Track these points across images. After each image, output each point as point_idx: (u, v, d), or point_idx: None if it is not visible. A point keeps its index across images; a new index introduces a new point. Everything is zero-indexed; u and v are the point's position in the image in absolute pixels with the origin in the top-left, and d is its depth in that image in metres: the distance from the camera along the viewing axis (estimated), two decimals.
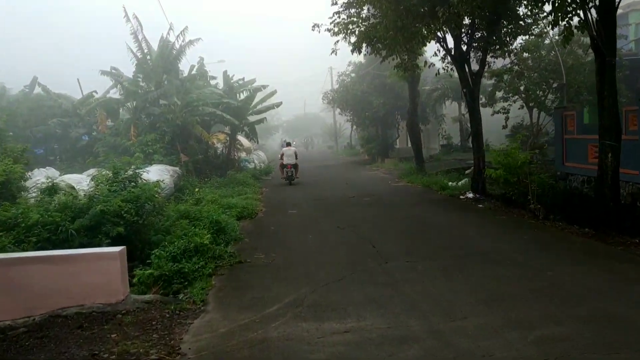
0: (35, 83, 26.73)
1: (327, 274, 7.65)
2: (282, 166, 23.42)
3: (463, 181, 18.48)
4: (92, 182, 11.75)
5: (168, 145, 21.86)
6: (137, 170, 12.51)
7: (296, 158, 23.39)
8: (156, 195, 12.28)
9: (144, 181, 15.37)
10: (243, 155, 30.27)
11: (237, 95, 27.14)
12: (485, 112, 29.72)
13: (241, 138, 28.96)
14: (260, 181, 24.25)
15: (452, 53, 16.04)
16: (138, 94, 22.87)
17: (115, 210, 10.44)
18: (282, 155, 23.75)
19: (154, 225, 11.17)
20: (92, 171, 15.71)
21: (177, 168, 20.06)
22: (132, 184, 12.24)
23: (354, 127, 49.44)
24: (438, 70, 17.33)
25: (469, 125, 31.14)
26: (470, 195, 15.54)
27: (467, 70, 15.86)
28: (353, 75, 34.61)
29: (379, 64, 33.04)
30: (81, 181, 16.15)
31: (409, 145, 40.13)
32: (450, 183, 18.38)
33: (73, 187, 14.52)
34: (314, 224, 12.27)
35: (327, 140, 74.94)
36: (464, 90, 16.00)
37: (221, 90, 26.40)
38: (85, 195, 11.22)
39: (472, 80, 15.85)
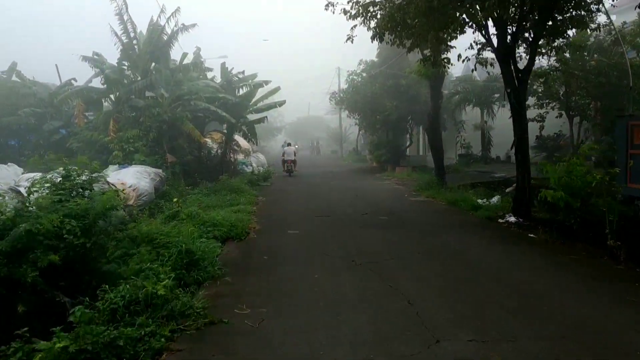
0: (14, 69, 23.94)
1: None
2: (284, 161, 29.26)
3: (495, 199, 15.60)
4: (27, 190, 8.87)
5: (153, 144, 19.01)
6: (94, 175, 9.64)
7: (295, 155, 29.54)
8: (118, 208, 9.45)
9: (112, 187, 12.57)
10: (240, 157, 27.38)
11: (236, 91, 24.30)
12: (505, 118, 26.93)
13: (239, 138, 26.07)
14: (258, 188, 21.35)
15: (496, 45, 13.16)
16: (122, 84, 20.01)
17: (51, 230, 7.64)
18: (284, 153, 29.90)
19: (107, 250, 8.34)
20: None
21: (160, 170, 17.18)
22: (87, 192, 9.43)
23: (362, 131, 46.66)
24: (475, 66, 14.48)
25: (491, 133, 28.40)
26: (512, 219, 12.62)
27: (512, 66, 12.99)
28: (364, 75, 31.75)
29: (393, 63, 30.30)
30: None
31: (421, 153, 37.30)
32: (479, 201, 15.53)
33: (19, 192, 11.69)
34: (320, 253, 9.36)
35: (330, 145, 72.01)
36: (508, 90, 13.10)
37: (218, 84, 23.55)
38: (12, 207, 8.35)
39: (518, 78, 12.97)
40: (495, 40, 13.35)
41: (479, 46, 14.46)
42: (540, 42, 13.64)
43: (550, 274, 7.72)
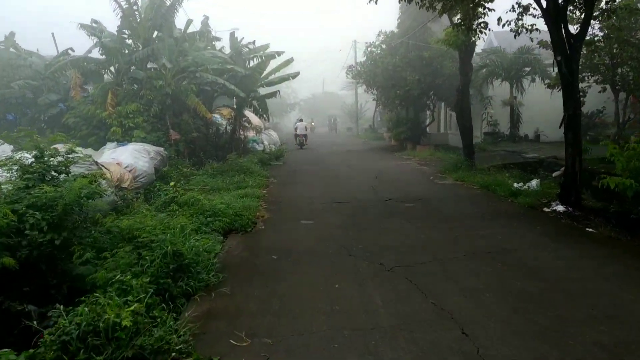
0: (12, 40, 22.38)
1: None
2: (296, 135, 33.23)
3: (534, 183, 13.89)
4: None
5: (155, 119, 17.45)
6: (70, 156, 8.08)
7: (306, 130, 33.73)
8: (102, 194, 7.91)
9: (101, 169, 11.11)
10: (251, 134, 25.75)
11: (246, 63, 22.58)
12: (542, 95, 24.96)
13: (249, 114, 24.44)
14: (269, 168, 19.79)
15: (545, 6, 11.29)
16: (122, 54, 18.38)
17: (6, 225, 6.19)
18: (297, 128, 33.71)
19: (79, 249, 6.79)
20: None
21: (161, 149, 15.66)
22: (63, 176, 7.94)
23: (379, 108, 44.77)
24: (517, 31, 12.62)
25: (520, 110, 26.42)
26: (560, 208, 10.90)
27: (563, 30, 11.14)
28: (383, 46, 29.76)
29: (415, 34, 28.32)
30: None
31: (442, 130, 35.35)
32: (515, 185, 13.85)
33: None
34: (340, 252, 7.75)
35: (346, 122, 69.95)
36: (558, 58, 11.24)
37: (227, 56, 21.85)
38: None
39: (570, 44, 11.12)
40: (543, 2, 11.50)
41: (520, 9, 12.65)
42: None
43: (634, 284, 6.04)
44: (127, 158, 13.79)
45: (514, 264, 6.93)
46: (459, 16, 13.85)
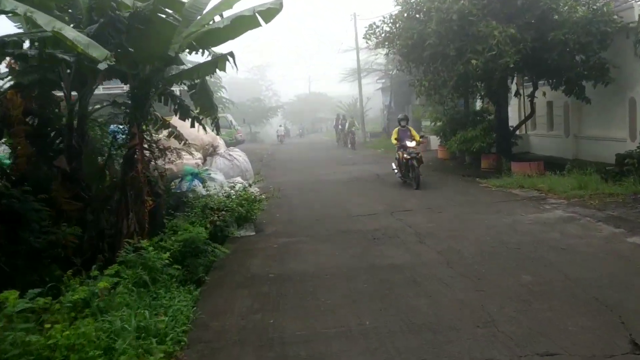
0: None
1: None
2: (278, 135, 48.88)
3: None
4: None
5: None
6: None
7: (284, 132, 51.44)
8: None
9: None
10: (191, 162, 12.19)
11: None
12: None
13: (176, 120, 10.89)
14: (212, 271, 6.53)
15: None
16: None
17: None
18: (278, 131, 50.09)
19: None
20: None
21: None
22: None
23: (392, 103, 32.12)
24: None
25: None
26: None
27: None
28: None
29: None
30: None
31: (528, 131, 21.67)
32: None
33: None
34: None
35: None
36: None
37: None
38: None
39: None
40: None
41: None
42: None
43: None
44: None
45: None
46: None
